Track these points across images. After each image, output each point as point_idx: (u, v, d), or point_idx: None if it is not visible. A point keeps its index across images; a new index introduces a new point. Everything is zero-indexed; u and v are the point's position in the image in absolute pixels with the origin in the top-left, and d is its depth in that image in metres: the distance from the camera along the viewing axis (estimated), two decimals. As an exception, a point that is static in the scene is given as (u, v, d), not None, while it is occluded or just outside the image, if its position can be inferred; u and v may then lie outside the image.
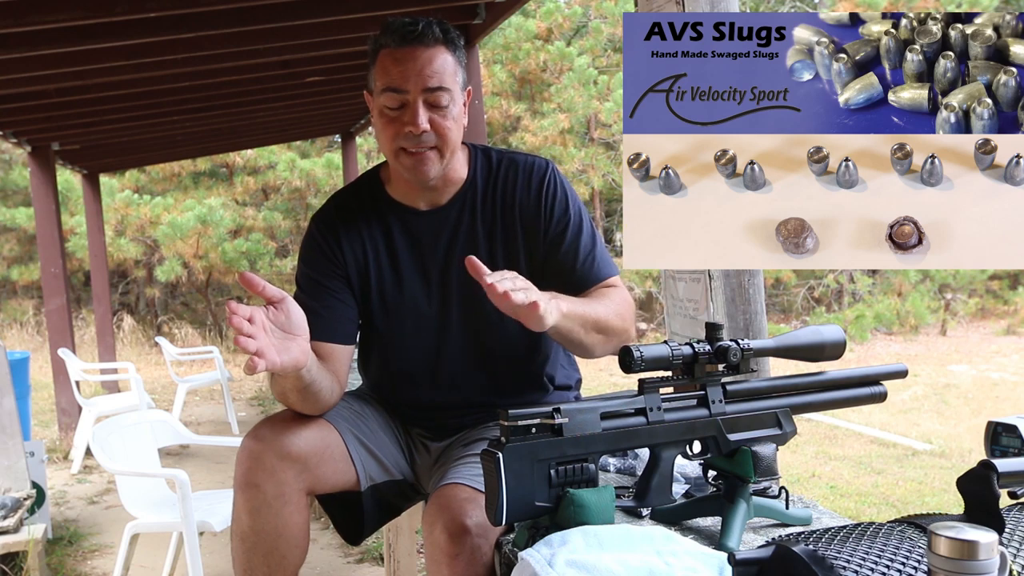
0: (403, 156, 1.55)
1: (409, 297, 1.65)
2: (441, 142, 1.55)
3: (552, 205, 1.63)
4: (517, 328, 1.68)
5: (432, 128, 1.53)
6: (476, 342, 1.65)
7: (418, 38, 1.50)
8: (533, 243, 1.63)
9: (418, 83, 1.50)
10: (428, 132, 1.52)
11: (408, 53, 1.51)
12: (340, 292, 1.64)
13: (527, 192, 1.64)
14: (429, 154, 1.55)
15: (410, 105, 1.51)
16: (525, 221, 1.63)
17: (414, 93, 1.51)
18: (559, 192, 1.64)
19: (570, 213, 1.63)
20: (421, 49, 1.51)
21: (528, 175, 1.65)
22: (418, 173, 1.57)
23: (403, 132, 1.52)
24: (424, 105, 1.51)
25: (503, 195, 1.64)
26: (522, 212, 1.63)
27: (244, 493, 1.50)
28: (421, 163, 1.55)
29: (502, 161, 1.67)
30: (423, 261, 1.65)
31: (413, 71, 1.50)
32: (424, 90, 1.51)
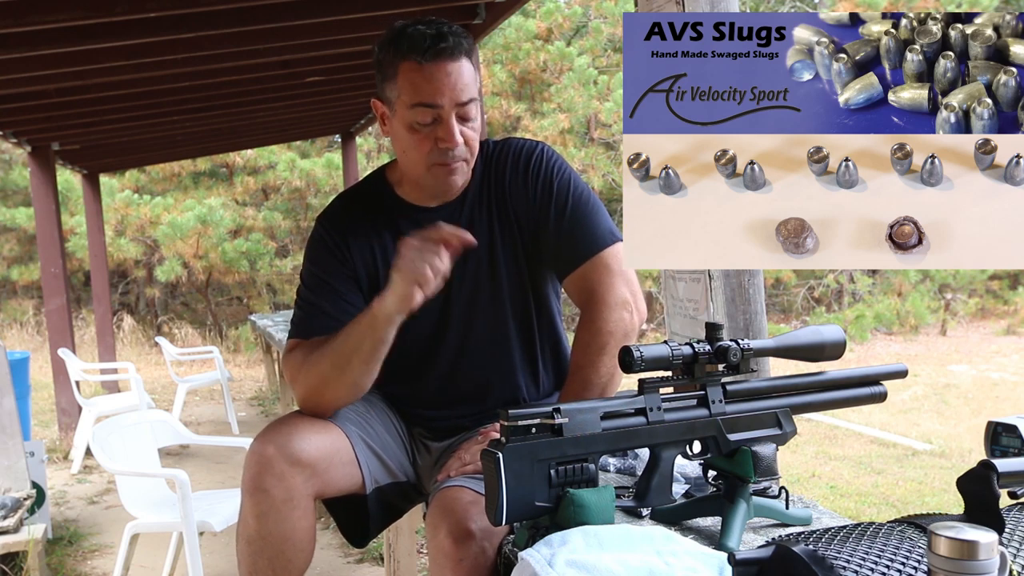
0: (436, 169, 1.56)
1: None
2: (470, 154, 1.57)
3: (536, 184, 1.63)
4: (518, 327, 1.69)
5: (464, 141, 1.54)
6: (477, 339, 1.65)
7: (450, 52, 1.49)
8: (526, 223, 1.65)
9: (452, 99, 1.50)
10: (461, 146, 1.54)
11: (439, 68, 1.49)
12: (348, 293, 1.63)
13: (516, 176, 1.65)
14: (460, 165, 1.57)
15: (444, 121, 1.51)
16: (516, 205, 1.65)
17: (448, 109, 1.50)
18: (544, 168, 1.64)
19: (555, 187, 1.62)
20: (451, 63, 1.49)
21: (517, 158, 1.66)
22: (449, 184, 1.59)
23: (438, 148, 1.53)
24: (456, 119, 1.52)
25: (498, 183, 1.65)
26: (513, 196, 1.65)
27: (253, 497, 1.50)
28: (452, 174, 1.57)
29: (497, 149, 1.69)
30: None
31: (447, 87, 1.49)
32: (458, 104, 1.51)
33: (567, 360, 1.77)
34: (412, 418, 1.75)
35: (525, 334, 1.70)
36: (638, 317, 1.60)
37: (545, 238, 1.63)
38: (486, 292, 1.66)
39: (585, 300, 1.59)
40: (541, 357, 1.72)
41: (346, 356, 1.50)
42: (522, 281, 1.67)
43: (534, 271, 1.68)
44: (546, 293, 1.72)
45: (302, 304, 1.65)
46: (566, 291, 1.67)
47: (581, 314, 1.60)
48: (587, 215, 1.62)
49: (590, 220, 1.62)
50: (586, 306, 1.59)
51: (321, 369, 1.53)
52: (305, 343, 1.59)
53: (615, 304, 1.56)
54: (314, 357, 1.53)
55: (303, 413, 1.58)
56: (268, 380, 8.54)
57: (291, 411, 1.64)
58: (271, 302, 13.70)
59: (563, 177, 1.64)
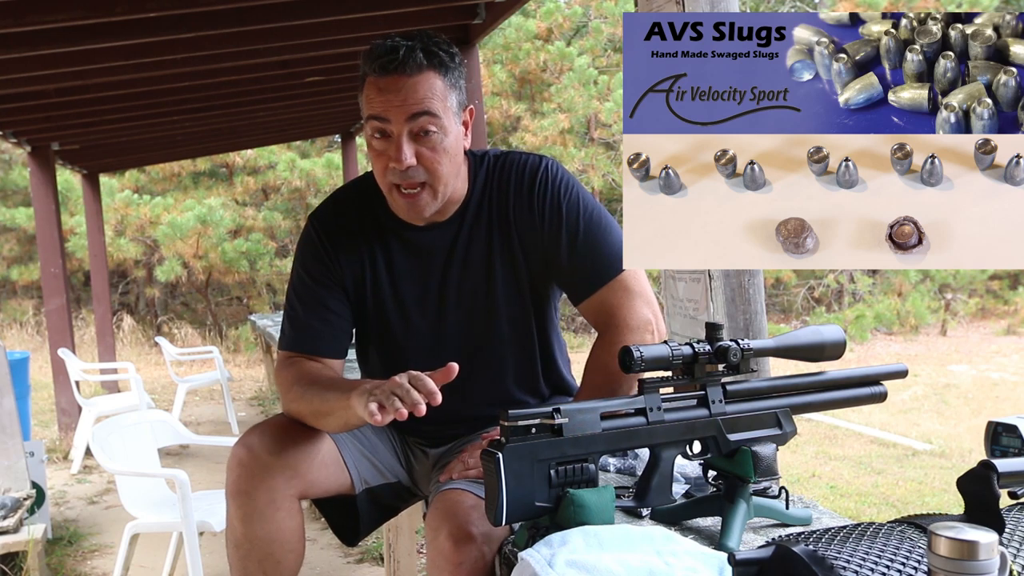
0: (396, 194, 1.51)
1: (406, 312, 1.63)
2: (432, 178, 1.49)
3: (543, 204, 1.57)
4: (514, 344, 1.66)
5: (421, 163, 1.47)
6: (472, 357, 1.60)
7: (400, 66, 1.43)
8: (531, 247, 1.59)
9: (400, 113, 1.44)
10: (415, 167, 1.47)
11: (391, 82, 1.44)
12: (336, 304, 1.61)
13: (519, 194, 1.59)
14: (422, 195, 1.50)
15: (394, 138, 1.46)
16: (519, 225, 1.59)
17: (397, 124, 1.45)
18: (551, 189, 1.57)
19: (564, 211, 1.56)
20: (404, 78, 1.44)
21: (520, 176, 1.59)
22: (412, 213, 1.54)
23: (390, 167, 1.48)
24: (408, 136, 1.46)
25: (499, 202, 1.60)
26: (516, 216, 1.59)
27: (235, 501, 1.50)
28: (414, 206, 1.51)
29: (497, 165, 1.62)
30: (422, 277, 1.62)
31: (395, 101, 1.44)
32: (408, 119, 1.45)
33: (567, 376, 1.75)
34: (406, 428, 1.72)
35: (525, 353, 1.66)
36: (659, 338, 1.56)
37: (557, 264, 1.58)
38: (481, 310, 1.62)
39: (605, 323, 1.55)
40: (543, 374, 1.69)
41: (323, 414, 1.49)
42: (522, 301, 1.62)
43: (536, 292, 1.63)
44: (547, 314, 1.68)
45: (291, 313, 1.64)
46: (582, 313, 1.61)
47: (601, 336, 1.55)
48: (601, 237, 1.56)
49: (604, 242, 1.56)
50: (606, 329, 1.54)
51: (301, 408, 1.53)
52: (296, 360, 1.60)
53: (637, 327, 1.53)
54: (299, 391, 1.53)
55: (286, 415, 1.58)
56: (268, 380, 8.54)
57: (276, 413, 1.64)
58: (271, 302, 13.70)
59: (571, 198, 1.58)
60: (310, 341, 1.60)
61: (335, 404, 1.44)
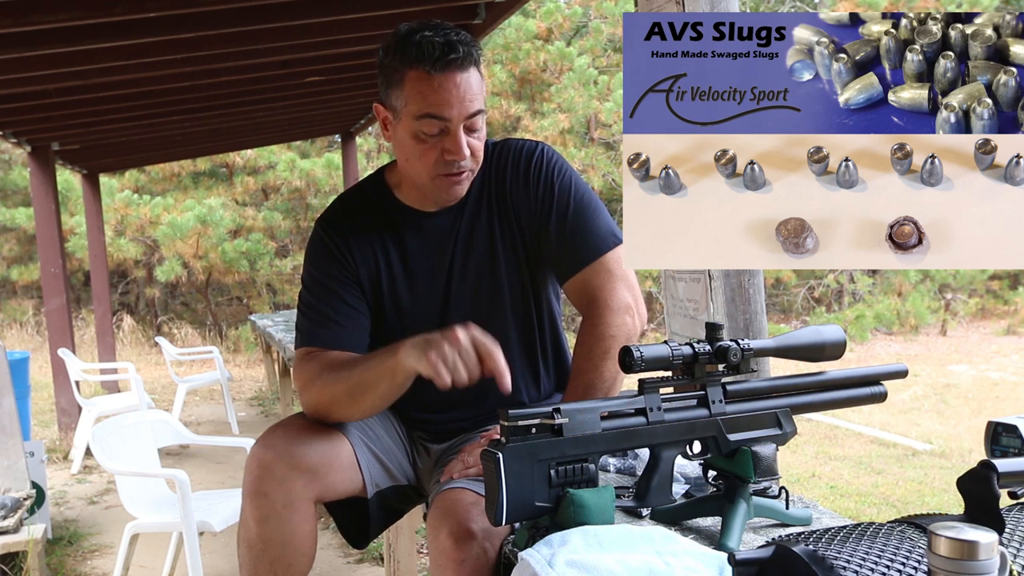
0: (440, 180, 1.54)
1: (419, 298, 1.65)
2: (476, 164, 1.56)
3: (537, 185, 1.62)
4: (519, 330, 1.68)
5: (470, 152, 1.52)
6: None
7: (459, 64, 1.45)
8: (528, 227, 1.64)
9: (460, 111, 1.47)
10: (468, 158, 1.52)
11: (449, 79, 1.45)
12: (353, 299, 1.61)
13: (516, 177, 1.63)
14: (465, 175, 1.55)
15: (451, 133, 1.48)
16: (516, 206, 1.63)
17: (456, 121, 1.47)
18: (545, 170, 1.62)
19: (556, 190, 1.61)
20: (460, 74, 1.45)
21: (517, 160, 1.64)
22: (453, 194, 1.57)
23: (444, 159, 1.50)
24: (464, 130, 1.50)
25: (499, 185, 1.64)
26: (514, 198, 1.63)
27: (253, 501, 1.50)
28: (457, 184, 1.55)
29: (496, 150, 1.66)
30: (434, 261, 1.64)
31: (456, 98, 1.46)
32: (465, 117, 1.48)
33: (567, 361, 1.76)
34: (411, 421, 1.75)
35: (526, 336, 1.69)
36: (640, 321, 1.60)
37: (546, 241, 1.62)
38: (486, 295, 1.65)
39: (587, 304, 1.58)
40: (542, 359, 1.72)
41: (362, 388, 1.49)
42: (523, 283, 1.67)
43: (535, 273, 1.67)
44: (547, 295, 1.72)
45: (307, 311, 1.63)
46: (566, 294, 1.66)
47: (583, 318, 1.59)
48: (588, 218, 1.61)
49: (591, 223, 1.60)
50: (588, 310, 1.58)
51: (335, 391, 1.52)
52: (318, 353, 1.58)
53: (617, 308, 1.55)
54: (329, 376, 1.52)
55: (305, 416, 1.58)
56: (268, 380, 8.54)
57: (293, 413, 1.63)
58: (271, 302, 13.70)
59: (564, 179, 1.63)
60: (332, 335, 1.59)
61: (377, 370, 1.45)
